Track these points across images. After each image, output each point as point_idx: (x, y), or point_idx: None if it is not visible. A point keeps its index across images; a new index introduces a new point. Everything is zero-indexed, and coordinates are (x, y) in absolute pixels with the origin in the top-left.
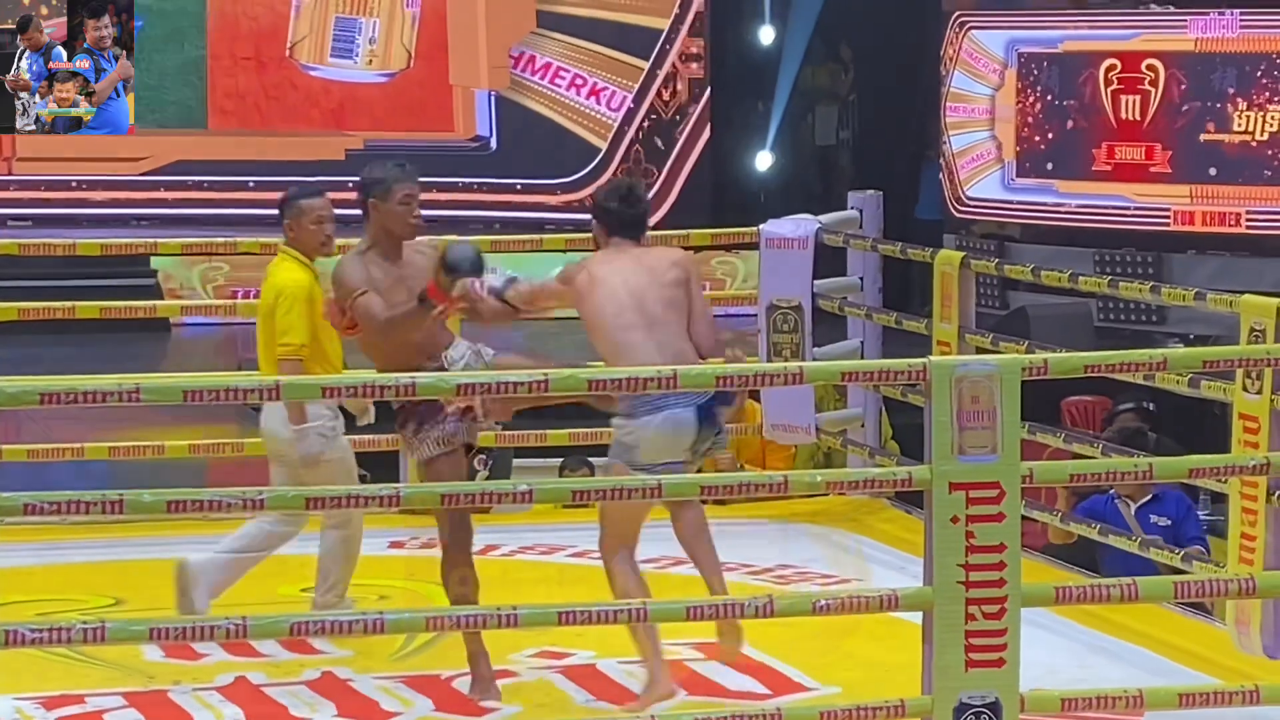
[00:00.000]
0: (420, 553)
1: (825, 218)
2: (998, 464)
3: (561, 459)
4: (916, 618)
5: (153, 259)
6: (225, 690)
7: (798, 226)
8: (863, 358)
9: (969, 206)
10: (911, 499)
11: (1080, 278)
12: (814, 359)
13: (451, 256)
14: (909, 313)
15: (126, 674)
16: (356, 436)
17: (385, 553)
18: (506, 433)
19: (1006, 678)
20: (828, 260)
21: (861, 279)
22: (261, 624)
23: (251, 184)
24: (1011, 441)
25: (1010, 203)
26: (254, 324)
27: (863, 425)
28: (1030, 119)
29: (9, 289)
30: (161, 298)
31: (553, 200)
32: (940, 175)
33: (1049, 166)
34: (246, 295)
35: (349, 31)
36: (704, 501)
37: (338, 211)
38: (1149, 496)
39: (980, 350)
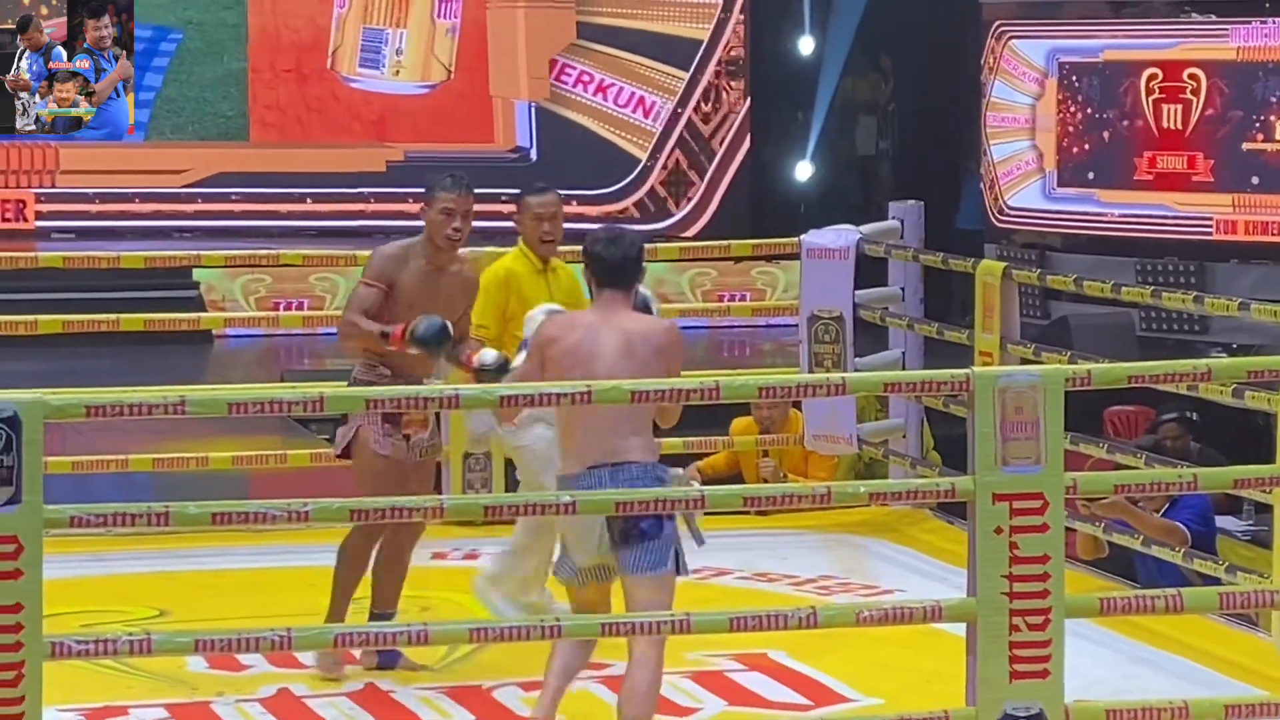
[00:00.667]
0: (463, 564)
1: (866, 228)
2: (1041, 475)
3: None
4: (952, 627)
5: (195, 270)
6: (267, 702)
7: (839, 237)
8: (904, 368)
9: (1010, 216)
10: (953, 509)
11: (1123, 288)
12: (855, 369)
13: (418, 331)
14: (949, 323)
15: (170, 685)
16: None
17: (428, 564)
18: None
19: (1051, 689)
20: (869, 270)
21: (903, 289)
22: (306, 635)
23: (293, 196)
24: (1055, 452)
25: (1051, 212)
26: (296, 335)
27: (904, 436)
28: (1071, 128)
29: (53, 301)
30: (204, 309)
31: (593, 211)
32: (980, 185)
33: (1090, 176)
34: (289, 307)
35: (375, 42)
36: (746, 512)
37: (377, 224)
38: (1168, 503)
39: (1023, 361)
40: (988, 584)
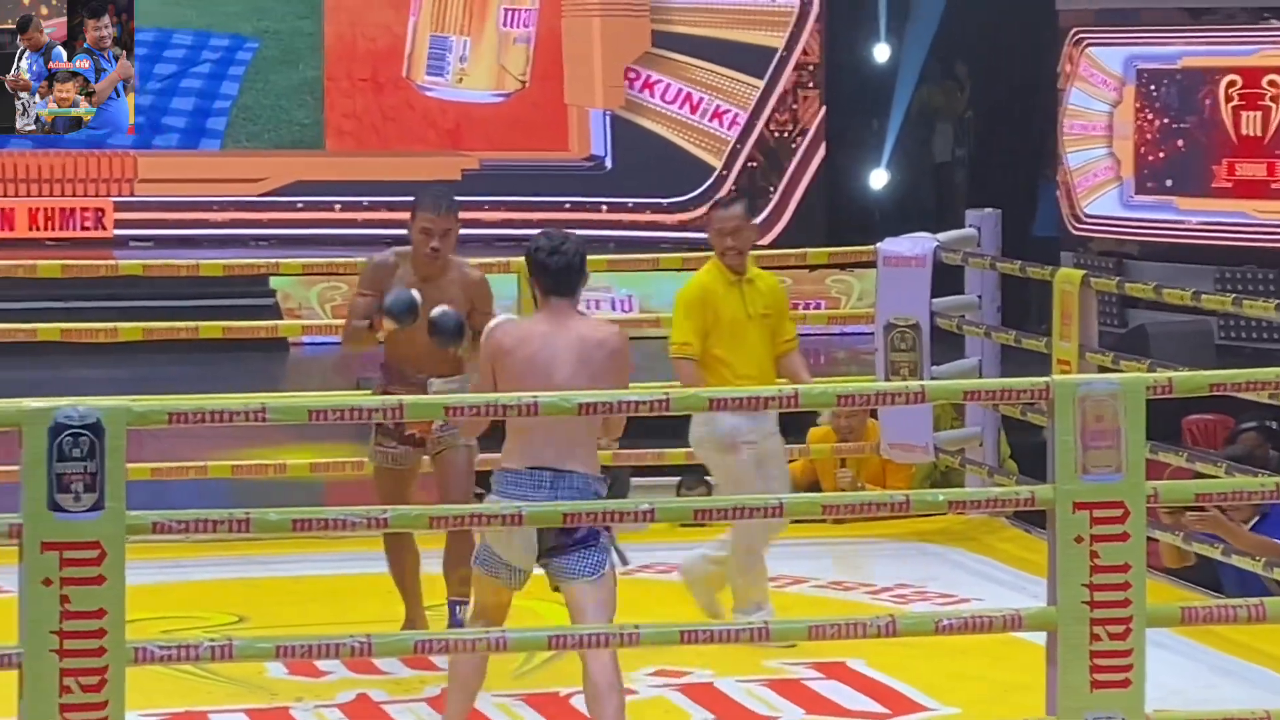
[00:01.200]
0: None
1: (943, 236)
2: (1122, 483)
3: (679, 478)
4: (1030, 636)
5: (271, 278)
6: (346, 707)
7: (915, 244)
8: (981, 376)
9: (1087, 224)
10: (1030, 518)
11: (1203, 296)
12: (932, 378)
13: (386, 304)
14: (1026, 331)
15: (249, 691)
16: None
17: None
18: (624, 451)
19: (1132, 699)
20: (945, 278)
21: (980, 297)
22: (386, 642)
23: (369, 204)
24: (1136, 461)
25: (1129, 220)
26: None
27: (981, 444)
28: (1149, 135)
29: (131, 308)
30: (280, 317)
31: (668, 219)
32: (1057, 192)
33: (1168, 183)
34: None
35: (441, 49)
36: (822, 520)
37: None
38: (1258, 516)
39: (1101, 369)
40: (1068, 593)
